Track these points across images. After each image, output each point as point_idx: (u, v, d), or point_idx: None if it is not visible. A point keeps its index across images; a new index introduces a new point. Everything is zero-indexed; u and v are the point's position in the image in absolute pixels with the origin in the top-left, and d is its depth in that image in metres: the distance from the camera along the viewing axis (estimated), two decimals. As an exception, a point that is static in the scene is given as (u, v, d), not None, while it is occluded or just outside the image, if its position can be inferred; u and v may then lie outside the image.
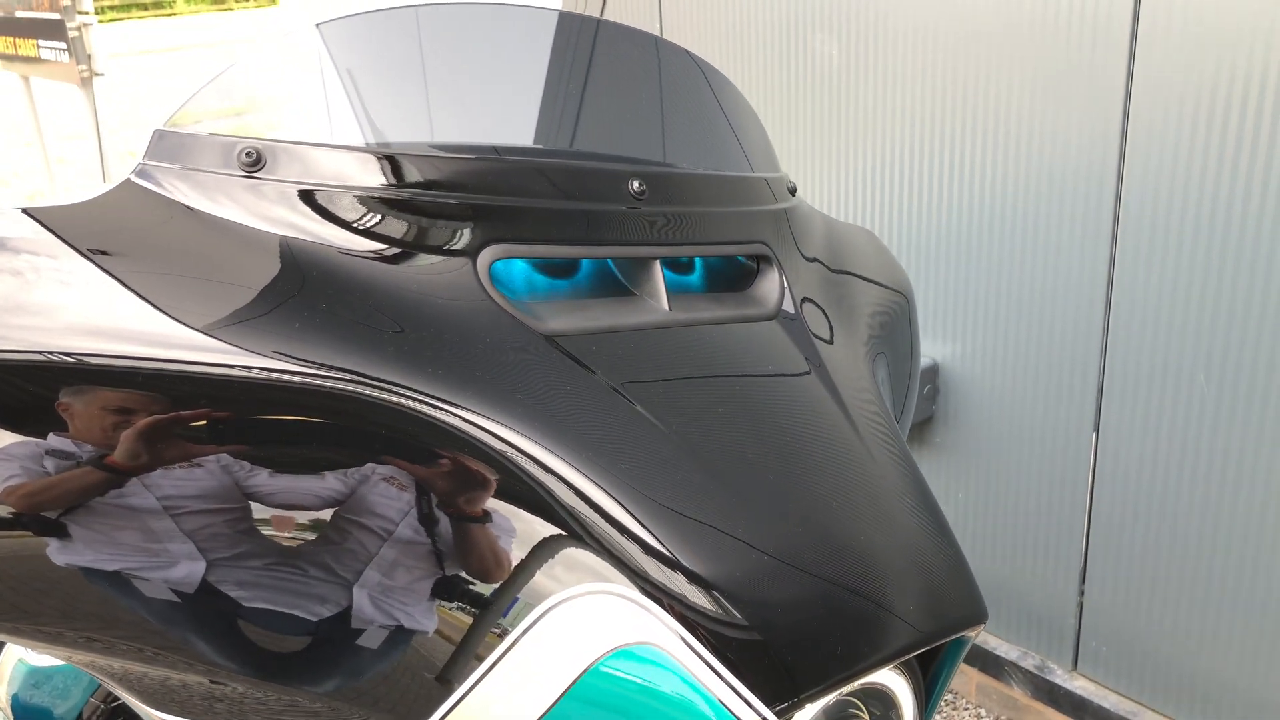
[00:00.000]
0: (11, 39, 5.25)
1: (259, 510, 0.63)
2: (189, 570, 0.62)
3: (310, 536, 0.64)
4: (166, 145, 0.70)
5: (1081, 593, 1.89)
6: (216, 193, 0.69)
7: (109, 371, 0.60)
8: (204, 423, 0.62)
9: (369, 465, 0.64)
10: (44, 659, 1.22)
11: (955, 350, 1.97)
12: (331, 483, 0.64)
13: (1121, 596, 1.82)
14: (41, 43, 4.88)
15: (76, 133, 8.78)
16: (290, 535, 0.64)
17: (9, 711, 1.24)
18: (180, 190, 0.70)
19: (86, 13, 4.58)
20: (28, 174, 8.37)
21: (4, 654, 1.28)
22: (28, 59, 5.12)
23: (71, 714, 1.20)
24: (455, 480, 0.65)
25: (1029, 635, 2.01)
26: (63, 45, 4.63)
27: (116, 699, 1.20)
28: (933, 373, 1.99)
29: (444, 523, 0.65)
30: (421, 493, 0.65)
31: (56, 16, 4.61)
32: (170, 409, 0.61)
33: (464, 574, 0.65)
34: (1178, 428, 1.66)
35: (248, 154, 0.70)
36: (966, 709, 2.11)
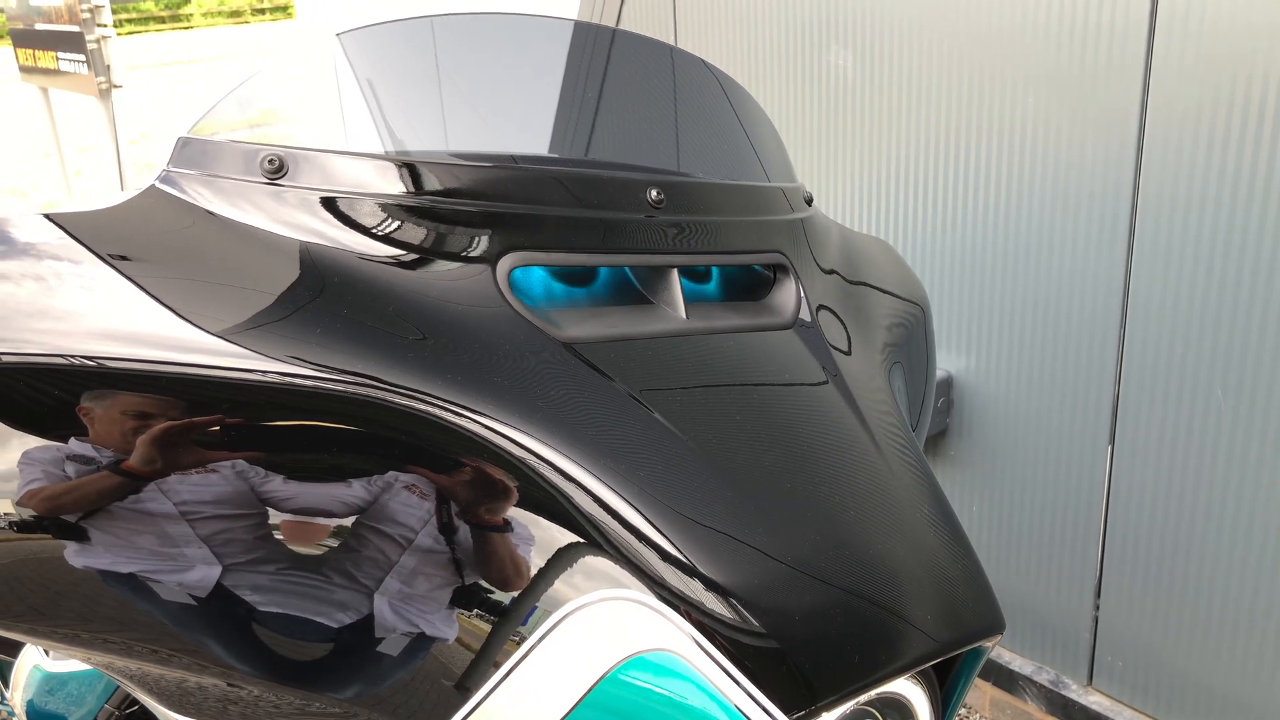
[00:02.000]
0: (31, 51, 5.31)
1: (276, 516, 0.63)
2: (204, 575, 0.62)
3: (329, 543, 0.64)
4: (191, 152, 0.71)
5: (1097, 607, 1.88)
6: (239, 199, 0.70)
7: (129, 376, 0.60)
8: (221, 428, 0.62)
9: (389, 471, 0.64)
10: (59, 665, 1.23)
11: (969, 363, 1.96)
12: (351, 489, 0.64)
13: (1137, 611, 1.81)
14: (61, 55, 4.93)
15: (92, 145, 8.85)
16: (308, 541, 0.64)
17: (24, 717, 1.25)
18: (203, 196, 0.70)
19: (105, 25, 4.62)
20: (46, 186, 8.43)
21: (20, 659, 1.28)
22: (47, 71, 5.18)
23: (86, 720, 1.20)
24: (474, 487, 0.65)
25: (1043, 649, 1.99)
26: (82, 57, 4.68)
27: (131, 706, 1.20)
28: (947, 385, 1.98)
29: (462, 529, 0.65)
30: (440, 500, 0.65)
31: (76, 29, 4.66)
32: (189, 414, 0.61)
33: (481, 581, 0.65)
34: (1194, 441, 1.65)
35: (271, 161, 0.70)
36: (980, 724, 2.10)
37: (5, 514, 0.60)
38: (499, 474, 0.65)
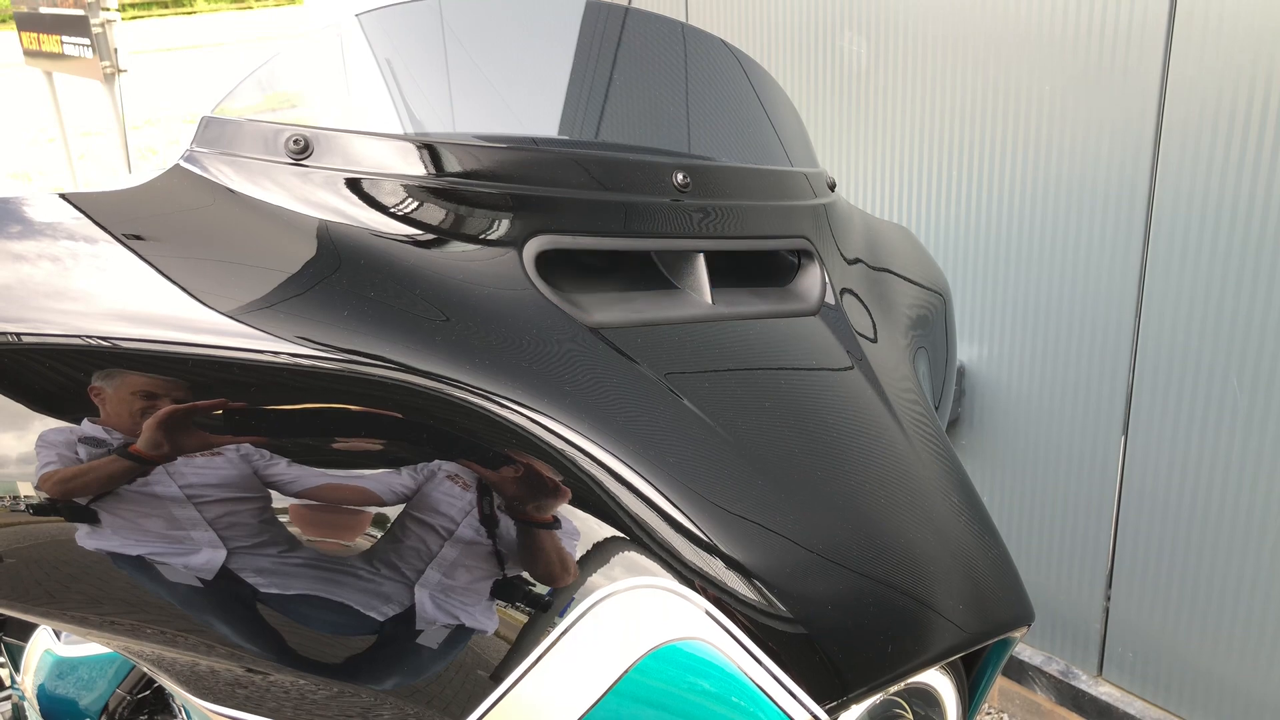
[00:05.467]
0: (36, 35, 5.29)
1: (292, 500, 0.62)
2: (211, 557, 0.61)
3: (350, 528, 0.63)
4: (214, 132, 0.70)
5: (1108, 597, 1.87)
6: (263, 178, 0.69)
7: (144, 357, 0.60)
8: (239, 409, 0.61)
9: (416, 457, 0.64)
10: (70, 649, 1.22)
11: (982, 352, 1.95)
12: (375, 474, 0.63)
13: (1149, 602, 1.80)
14: (66, 39, 4.91)
15: (96, 129, 8.83)
16: (327, 526, 0.63)
17: (35, 702, 1.24)
18: (226, 175, 0.69)
19: (110, 9, 4.60)
20: (50, 170, 8.42)
21: (30, 644, 1.28)
22: (52, 55, 5.16)
23: (97, 705, 1.20)
24: (504, 474, 0.65)
25: (1054, 640, 1.99)
26: (86, 41, 4.65)
27: (142, 692, 1.20)
28: (959, 375, 1.97)
29: (491, 518, 0.64)
30: (482, 492, 0.64)
31: (80, 13, 4.64)
32: (205, 395, 0.61)
33: (507, 568, 0.64)
34: (1208, 432, 1.64)
35: (296, 141, 0.69)
36: (989, 714, 2.10)
37: (25, 497, 0.59)
38: (528, 459, 0.64)
